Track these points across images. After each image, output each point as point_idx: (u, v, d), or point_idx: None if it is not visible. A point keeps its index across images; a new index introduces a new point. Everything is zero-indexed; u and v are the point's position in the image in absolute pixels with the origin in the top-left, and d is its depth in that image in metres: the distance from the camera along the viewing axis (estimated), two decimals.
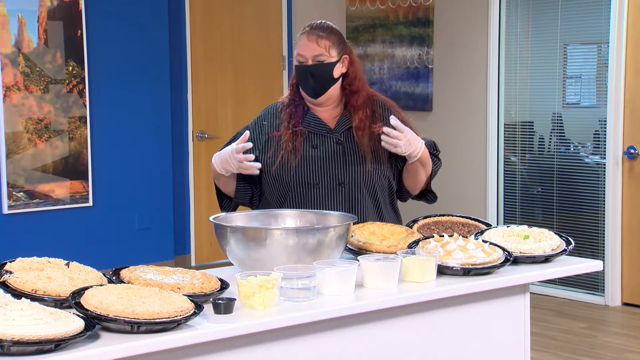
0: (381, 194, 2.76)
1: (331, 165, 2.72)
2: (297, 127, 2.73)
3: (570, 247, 2.43)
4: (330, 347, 2.04)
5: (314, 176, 2.71)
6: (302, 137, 2.73)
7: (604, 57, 5.34)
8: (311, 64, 2.70)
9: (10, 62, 5.26)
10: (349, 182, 2.71)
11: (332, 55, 2.71)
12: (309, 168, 2.71)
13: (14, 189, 5.32)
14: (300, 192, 2.71)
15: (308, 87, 2.73)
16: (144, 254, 5.87)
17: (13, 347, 1.58)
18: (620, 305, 5.24)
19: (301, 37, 2.74)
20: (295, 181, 2.71)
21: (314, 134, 2.75)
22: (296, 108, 2.78)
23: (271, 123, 2.82)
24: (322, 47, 2.70)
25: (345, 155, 2.73)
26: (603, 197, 5.26)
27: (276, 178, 2.73)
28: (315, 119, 2.77)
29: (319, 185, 2.70)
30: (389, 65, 6.23)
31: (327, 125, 2.76)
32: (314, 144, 2.74)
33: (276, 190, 2.74)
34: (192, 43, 6.16)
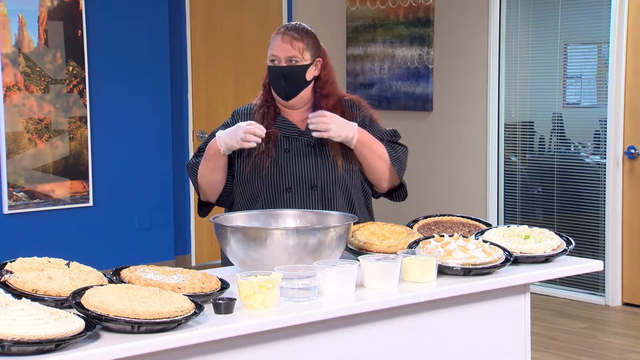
0: (355, 195, 2.72)
1: (304, 168, 2.68)
2: (270, 129, 2.69)
3: (570, 247, 2.43)
4: (330, 347, 2.04)
5: (286, 180, 2.67)
6: (274, 140, 2.70)
7: (604, 57, 5.34)
8: (284, 65, 2.67)
9: (10, 62, 5.26)
10: (322, 185, 2.67)
11: (305, 58, 2.68)
12: (281, 172, 2.68)
13: (14, 189, 5.33)
14: (272, 196, 2.66)
15: (280, 88, 2.70)
16: (144, 254, 5.88)
17: (13, 347, 1.58)
18: (621, 305, 5.24)
19: (275, 37, 2.70)
20: (267, 185, 2.67)
21: (285, 137, 2.72)
22: (268, 109, 2.75)
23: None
24: (295, 49, 2.66)
25: (317, 158, 2.69)
26: (603, 197, 5.26)
27: (247, 182, 2.69)
28: (286, 122, 2.74)
29: (291, 189, 2.67)
30: (389, 66, 6.23)
31: (297, 128, 2.73)
32: (285, 148, 2.70)
33: (247, 194, 2.70)
34: (192, 43, 6.16)
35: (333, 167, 2.69)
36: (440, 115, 6.02)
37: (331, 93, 2.74)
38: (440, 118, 6.02)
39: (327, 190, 2.68)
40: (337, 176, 2.69)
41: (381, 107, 6.24)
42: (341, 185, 2.69)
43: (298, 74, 2.68)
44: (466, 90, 5.88)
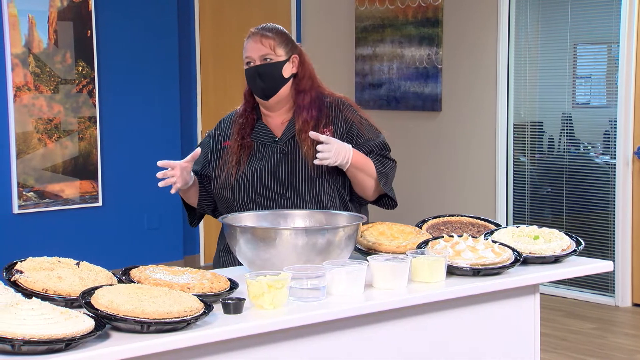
0: (329, 202, 2.66)
1: (273, 177, 2.65)
2: (245, 139, 2.69)
3: (580, 247, 2.42)
4: (339, 347, 2.04)
5: (256, 189, 2.65)
6: (248, 150, 2.68)
7: (614, 57, 5.32)
8: (259, 64, 2.66)
9: (20, 62, 5.28)
10: (291, 194, 2.64)
11: (279, 54, 2.66)
12: (251, 180, 2.65)
13: (24, 188, 5.34)
14: (244, 205, 2.65)
15: (258, 88, 2.68)
16: (153, 253, 5.89)
17: (24, 347, 1.59)
18: (631, 306, 5.22)
19: (247, 40, 2.70)
20: (238, 194, 2.66)
21: (261, 144, 2.70)
22: (247, 119, 2.73)
23: (225, 132, 2.77)
24: (267, 46, 2.65)
25: (287, 165, 2.66)
26: (613, 198, 5.24)
27: (222, 192, 2.68)
28: (263, 128, 2.71)
29: (260, 198, 2.64)
30: (398, 66, 6.22)
31: (273, 135, 2.70)
32: (260, 156, 2.68)
33: (223, 204, 2.69)
34: (201, 43, 6.17)
35: (302, 174, 2.65)
36: (449, 115, 6.01)
37: (307, 89, 2.70)
38: (449, 118, 6.01)
39: (297, 198, 2.64)
40: (306, 184, 2.64)
41: (390, 107, 6.23)
42: (311, 192, 2.64)
43: (273, 70, 2.66)
44: (475, 90, 5.87)
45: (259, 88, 2.68)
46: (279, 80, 2.67)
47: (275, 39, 2.67)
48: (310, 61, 2.75)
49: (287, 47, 2.69)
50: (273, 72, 2.66)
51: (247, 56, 2.68)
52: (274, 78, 2.66)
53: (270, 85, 2.67)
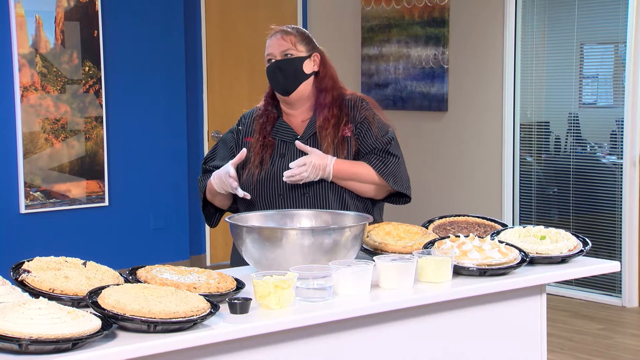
0: (351, 201, 2.68)
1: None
2: (267, 138, 2.71)
3: (587, 247, 2.42)
4: (345, 347, 2.04)
5: (278, 187, 2.66)
6: (270, 149, 2.70)
7: (621, 57, 5.31)
8: (280, 59, 2.70)
9: (27, 62, 5.29)
10: (314, 191, 2.65)
11: (300, 50, 2.70)
12: (274, 178, 2.67)
13: (31, 188, 5.36)
14: (266, 203, 2.66)
15: (278, 84, 2.70)
16: (159, 253, 5.90)
17: (31, 346, 1.59)
18: (637, 306, 5.20)
19: (268, 39, 2.75)
20: (260, 191, 2.67)
21: (282, 142, 2.72)
22: (267, 118, 2.75)
23: (246, 128, 2.80)
24: (288, 42, 2.70)
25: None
26: (620, 198, 5.23)
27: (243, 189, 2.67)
28: (284, 126, 2.73)
29: (283, 195, 2.66)
30: (404, 66, 6.22)
31: (294, 132, 2.72)
32: (281, 153, 2.70)
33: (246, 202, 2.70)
34: (207, 43, 6.18)
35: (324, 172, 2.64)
36: (455, 115, 6.00)
37: (329, 88, 2.72)
38: (455, 118, 6.00)
39: (319, 195, 2.65)
40: (328, 182, 2.65)
41: (396, 107, 6.23)
42: (333, 191, 2.66)
43: (294, 65, 2.69)
44: (481, 90, 5.86)
45: (279, 83, 2.71)
46: (299, 76, 2.70)
47: (296, 35, 2.72)
48: (332, 64, 2.79)
49: (308, 45, 2.73)
50: (294, 67, 2.69)
51: (268, 53, 2.73)
52: (295, 73, 2.69)
53: (290, 81, 2.69)
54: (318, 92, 2.72)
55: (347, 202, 2.67)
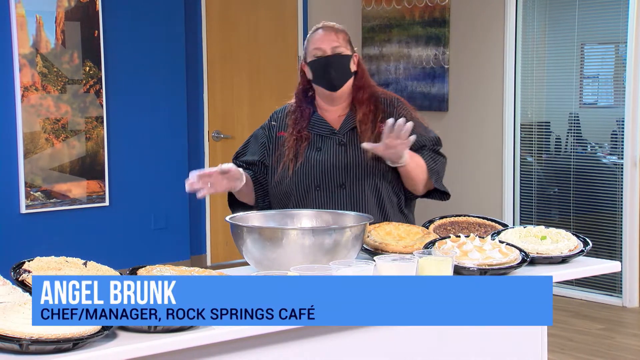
0: (386, 195, 2.72)
1: (332, 167, 2.70)
2: (302, 132, 2.73)
3: (587, 248, 2.42)
4: (346, 348, 2.03)
5: (315, 179, 2.70)
6: (306, 142, 2.73)
7: (621, 57, 5.31)
8: (330, 54, 2.71)
9: (28, 62, 5.29)
10: (350, 183, 2.69)
11: (347, 49, 2.74)
12: (310, 171, 2.70)
13: (31, 188, 5.36)
14: (302, 195, 2.70)
15: (327, 80, 2.72)
16: (160, 253, 5.89)
17: (31, 346, 1.59)
18: (638, 306, 5.20)
19: (315, 33, 2.75)
20: (296, 184, 2.71)
21: (318, 136, 2.75)
22: (302, 113, 2.78)
23: (279, 123, 2.83)
24: (339, 39, 2.72)
25: (347, 156, 2.71)
26: (620, 198, 5.23)
27: (280, 183, 2.72)
28: (320, 121, 2.77)
29: (320, 187, 2.69)
30: (405, 66, 6.22)
31: (331, 127, 2.76)
32: (317, 147, 2.73)
33: (279, 193, 2.74)
34: (208, 43, 6.18)
35: (362, 165, 2.70)
36: (456, 115, 6.00)
37: (366, 86, 2.77)
38: (456, 118, 6.00)
39: (356, 188, 2.69)
40: (366, 175, 2.69)
41: None
42: (370, 184, 2.70)
43: (344, 63, 2.72)
44: (482, 91, 5.86)
45: (328, 78, 2.72)
46: (347, 73, 2.74)
47: (345, 34, 2.76)
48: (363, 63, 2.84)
49: (350, 45, 2.78)
50: (343, 64, 2.72)
51: (317, 47, 2.71)
52: (344, 69, 2.73)
53: (340, 76, 2.72)
54: (356, 89, 2.77)
55: (382, 195, 2.71)
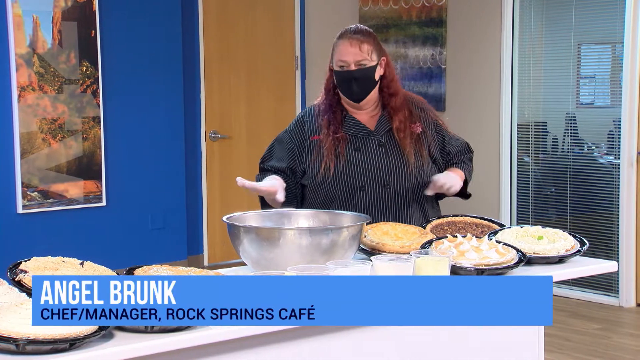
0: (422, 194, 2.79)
1: (375, 167, 2.74)
2: (338, 133, 2.75)
3: (584, 247, 2.42)
4: (343, 347, 2.04)
5: (359, 179, 2.73)
6: (344, 143, 2.75)
7: (618, 57, 5.32)
8: (354, 69, 2.71)
9: (25, 62, 5.29)
10: (394, 183, 2.74)
11: (373, 59, 2.74)
12: (353, 171, 2.73)
13: (28, 188, 5.35)
14: (346, 195, 2.72)
15: (351, 92, 2.75)
16: (157, 253, 5.89)
17: (28, 346, 1.59)
18: (635, 306, 5.21)
19: (341, 42, 2.73)
20: (340, 185, 2.73)
21: (355, 137, 2.78)
22: (334, 114, 2.78)
23: (310, 127, 2.81)
24: (364, 52, 2.71)
25: (388, 156, 2.75)
26: (617, 198, 5.23)
27: (321, 184, 2.74)
28: (355, 122, 2.80)
29: (364, 187, 2.72)
30: (402, 66, 6.22)
31: (367, 128, 2.79)
32: (356, 147, 2.76)
33: (321, 195, 2.75)
34: (205, 43, 6.18)
35: (405, 165, 2.75)
36: (453, 115, 6.00)
37: (398, 91, 2.81)
38: (453, 118, 6.00)
39: (400, 187, 2.74)
40: (409, 174, 2.74)
41: None
42: (412, 183, 2.75)
43: (368, 76, 2.73)
44: (479, 91, 5.87)
45: (352, 92, 2.75)
46: (371, 85, 2.76)
47: (372, 43, 2.74)
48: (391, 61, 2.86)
49: (378, 51, 2.77)
50: (367, 78, 2.73)
51: (342, 60, 2.72)
52: (367, 83, 2.74)
53: (363, 89, 2.74)
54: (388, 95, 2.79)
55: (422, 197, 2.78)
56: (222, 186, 6.25)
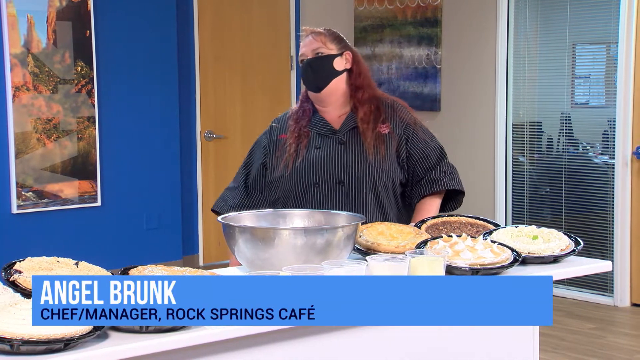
0: (384, 193, 2.76)
1: (331, 164, 2.75)
2: (302, 131, 2.79)
3: (579, 247, 2.42)
4: (338, 348, 2.04)
5: (313, 176, 2.75)
6: (306, 140, 2.78)
7: (613, 57, 5.33)
8: (311, 57, 2.78)
9: (19, 62, 5.28)
10: (349, 181, 2.74)
11: (330, 48, 2.79)
12: (309, 168, 2.75)
13: (23, 188, 5.34)
14: (302, 192, 2.75)
15: (310, 81, 2.80)
16: (152, 253, 5.89)
17: (22, 347, 1.59)
18: (630, 305, 5.22)
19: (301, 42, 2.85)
20: (296, 182, 2.76)
21: (318, 134, 2.80)
22: (303, 113, 2.84)
23: (281, 127, 2.88)
24: (319, 41, 2.79)
25: (346, 153, 2.76)
26: (612, 198, 5.24)
27: (279, 180, 2.78)
28: (321, 121, 2.82)
29: (318, 184, 2.74)
30: (397, 65, 6.22)
31: (331, 126, 2.81)
32: (317, 145, 2.78)
33: (281, 192, 2.79)
34: (200, 43, 6.17)
35: (362, 163, 2.74)
36: (448, 115, 6.01)
37: (365, 85, 2.82)
38: (448, 118, 6.01)
39: (355, 186, 2.73)
40: (365, 172, 2.74)
41: None
42: (369, 181, 2.74)
43: (325, 63, 2.77)
44: (474, 91, 5.87)
45: (311, 80, 2.79)
46: (330, 72, 2.78)
47: (327, 35, 2.81)
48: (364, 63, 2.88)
49: (339, 44, 2.82)
50: (324, 64, 2.77)
51: (301, 54, 2.82)
52: (325, 70, 2.77)
53: (321, 77, 2.78)
54: (354, 89, 2.82)
55: (381, 194, 2.75)
56: (218, 186, 6.24)
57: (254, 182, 2.86)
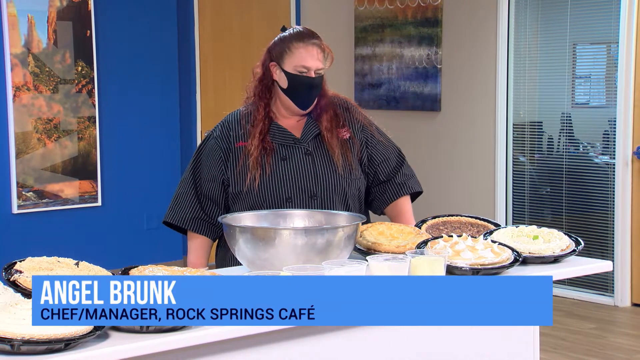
0: (352, 202, 2.70)
1: (302, 177, 2.64)
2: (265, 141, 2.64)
3: (579, 247, 2.42)
4: (339, 348, 2.03)
5: (285, 190, 2.63)
6: (271, 151, 2.64)
7: (613, 57, 5.33)
8: (314, 76, 2.64)
9: (20, 62, 5.28)
10: (322, 193, 2.65)
11: (324, 65, 2.67)
12: (280, 182, 2.63)
13: (23, 188, 5.34)
14: (272, 206, 2.62)
15: (305, 100, 2.65)
16: (152, 253, 5.89)
17: (23, 347, 1.59)
18: (630, 305, 5.22)
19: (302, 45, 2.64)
20: (267, 197, 2.63)
21: (282, 145, 2.67)
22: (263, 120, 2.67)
23: (236, 132, 2.71)
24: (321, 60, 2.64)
25: (315, 165, 2.66)
26: (612, 198, 5.24)
27: (246, 194, 2.63)
28: (280, 129, 2.68)
29: (291, 199, 2.63)
30: (398, 66, 6.22)
31: (292, 135, 2.68)
32: (282, 156, 2.66)
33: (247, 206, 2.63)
34: (201, 43, 6.17)
35: (332, 175, 2.66)
36: (448, 115, 6.01)
37: (326, 91, 2.74)
38: (448, 118, 6.01)
39: (327, 198, 2.65)
40: (336, 184, 2.66)
41: (389, 107, 6.23)
42: (340, 193, 2.67)
43: (321, 82, 2.69)
44: (474, 90, 5.87)
45: (306, 99, 2.65)
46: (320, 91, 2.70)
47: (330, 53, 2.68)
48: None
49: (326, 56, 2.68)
50: (320, 85, 2.68)
51: (304, 65, 2.62)
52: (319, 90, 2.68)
53: (314, 97, 2.68)
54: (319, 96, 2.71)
55: (349, 204, 2.69)
56: None
57: (208, 192, 2.68)
